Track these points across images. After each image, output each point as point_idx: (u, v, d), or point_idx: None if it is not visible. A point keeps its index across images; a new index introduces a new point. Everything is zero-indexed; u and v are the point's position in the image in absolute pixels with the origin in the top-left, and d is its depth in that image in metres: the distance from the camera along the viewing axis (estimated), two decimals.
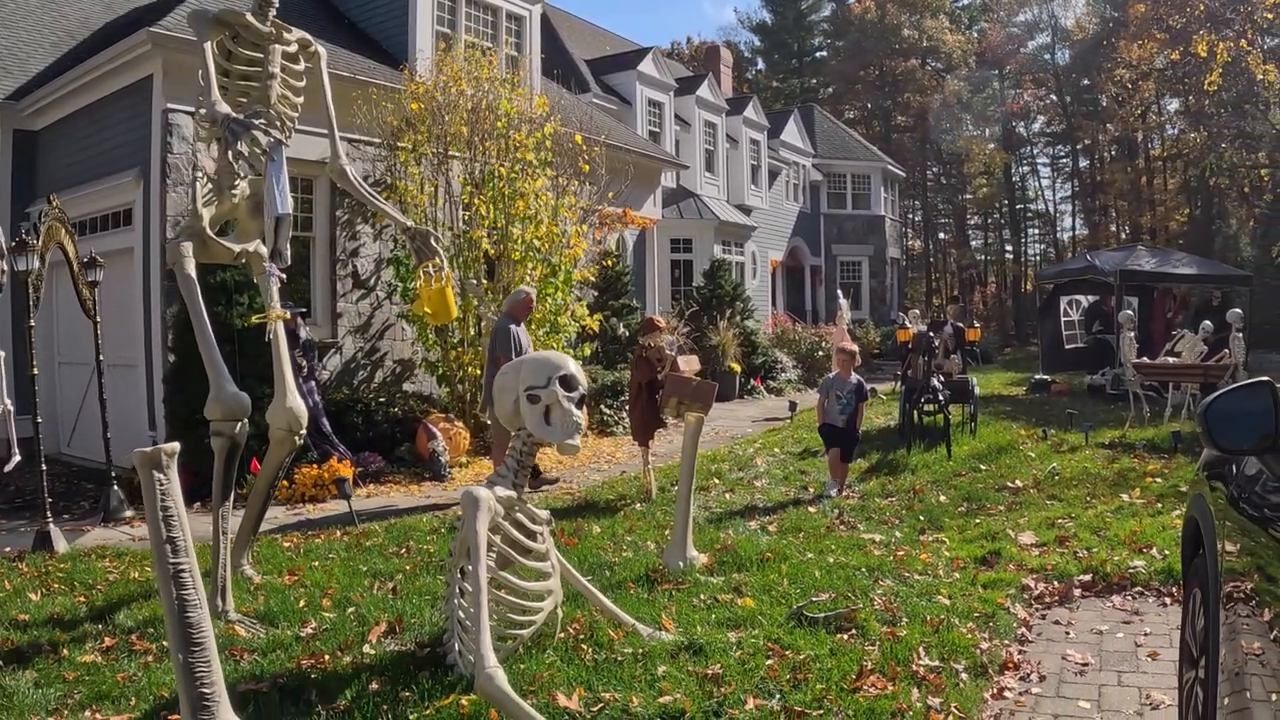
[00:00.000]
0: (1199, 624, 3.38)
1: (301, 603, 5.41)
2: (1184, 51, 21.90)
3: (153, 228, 10.45)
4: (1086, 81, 43.67)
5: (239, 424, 5.24)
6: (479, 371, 11.66)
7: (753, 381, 19.13)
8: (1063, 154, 50.46)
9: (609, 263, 16.26)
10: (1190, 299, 20.98)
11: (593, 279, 14.36)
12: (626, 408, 13.22)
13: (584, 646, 4.48)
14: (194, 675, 3.22)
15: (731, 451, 11.66)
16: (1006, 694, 4.23)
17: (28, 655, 4.73)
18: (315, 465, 9.27)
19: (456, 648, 4.18)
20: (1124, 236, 45.36)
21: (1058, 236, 52.67)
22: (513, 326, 9.00)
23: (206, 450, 8.65)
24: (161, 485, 3.24)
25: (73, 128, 12.09)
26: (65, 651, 4.77)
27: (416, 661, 4.36)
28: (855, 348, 8.92)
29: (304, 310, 10.85)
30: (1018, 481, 9.02)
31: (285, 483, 8.78)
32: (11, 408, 5.44)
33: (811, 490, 8.98)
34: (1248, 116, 27.60)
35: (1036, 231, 54.48)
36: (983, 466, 9.93)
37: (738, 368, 18.19)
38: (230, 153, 4.55)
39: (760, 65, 57.01)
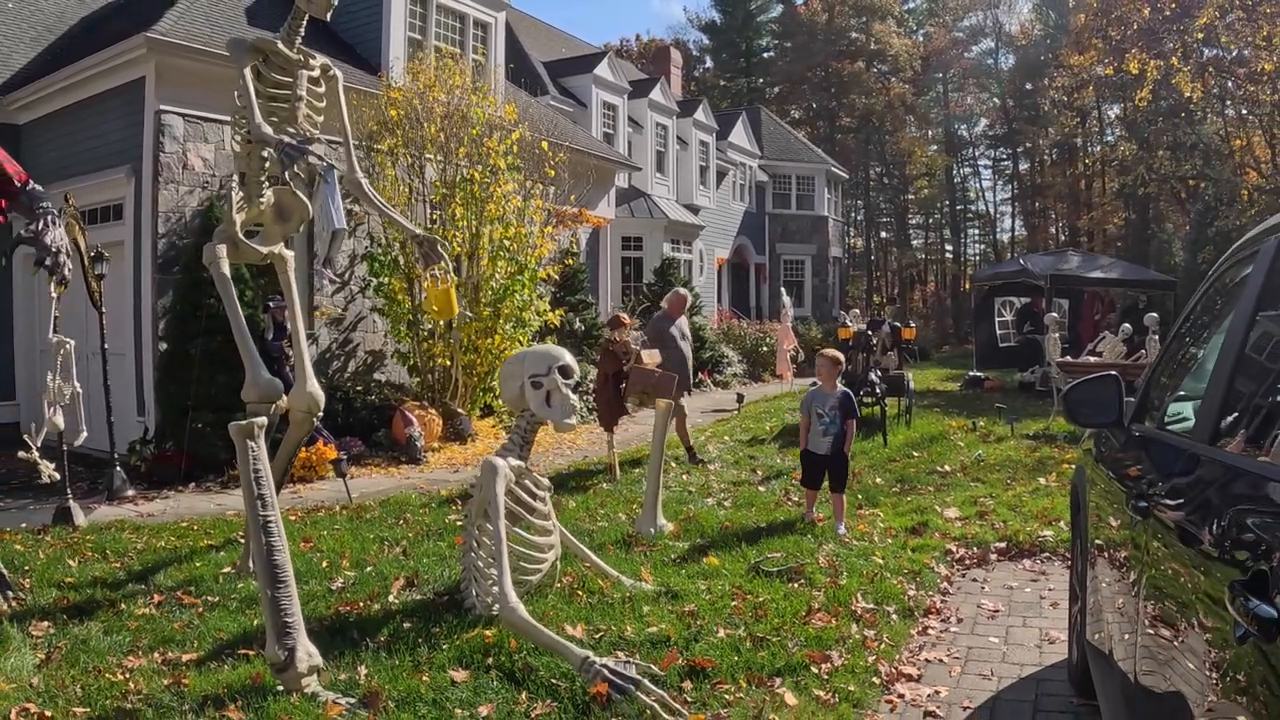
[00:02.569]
0: (1080, 567, 4.33)
1: (324, 564, 6.15)
2: (1118, 68, 23.04)
3: (144, 223, 11.00)
4: (1029, 86, 45.04)
5: (272, 406, 5.93)
6: (448, 362, 12.44)
7: (700, 375, 19.97)
8: (1004, 156, 52.06)
9: (569, 262, 17.02)
10: (1118, 302, 22.32)
11: (555, 277, 15.14)
12: (589, 397, 14.04)
13: (579, 593, 5.32)
14: (279, 607, 3.98)
15: None
16: (929, 631, 5.14)
17: (87, 610, 5.33)
18: (303, 448, 9.92)
19: (474, 593, 4.96)
20: (1063, 238, 47.00)
21: (997, 237, 54.39)
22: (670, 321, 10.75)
23: (196, 434, 9.31)
24: (254, 452, 3.99)
25: (60, 123, 12.49)
26: (122, 606, 5.40)
27: (438, 607, 5.13)
28: (841, 355, 7.87)
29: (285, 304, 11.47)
30: (947, 466, 10.00)
31: None
32: (80, 390, 6.07)
33: (760, 473, 9.85)
34: (1179, 128, 28.90)
35: (977, 232, 56.23)
36: (916, 453, 10.90)
37: None
38: (286, 174, 5.24)
39: (709, 64, 57.94)
